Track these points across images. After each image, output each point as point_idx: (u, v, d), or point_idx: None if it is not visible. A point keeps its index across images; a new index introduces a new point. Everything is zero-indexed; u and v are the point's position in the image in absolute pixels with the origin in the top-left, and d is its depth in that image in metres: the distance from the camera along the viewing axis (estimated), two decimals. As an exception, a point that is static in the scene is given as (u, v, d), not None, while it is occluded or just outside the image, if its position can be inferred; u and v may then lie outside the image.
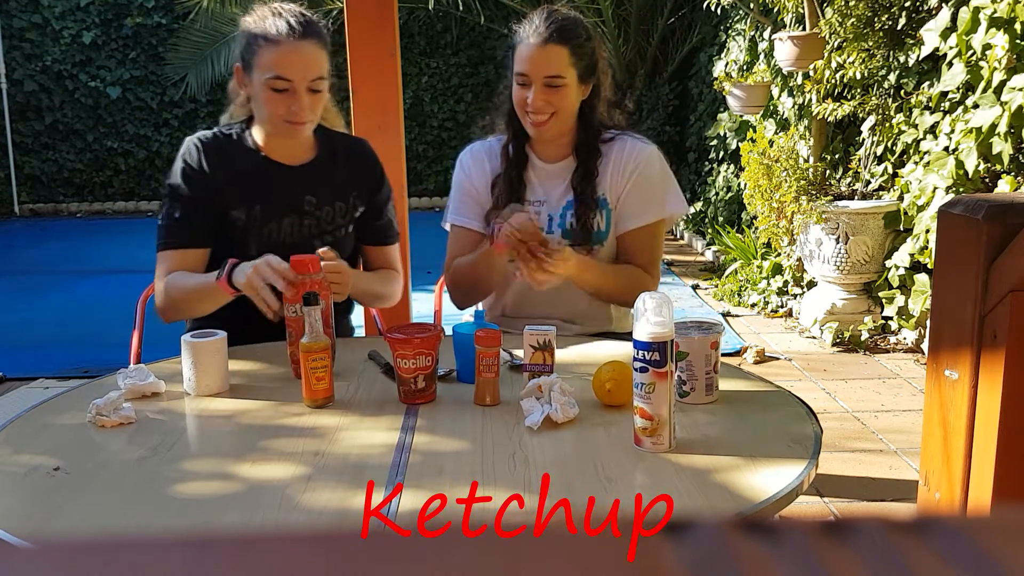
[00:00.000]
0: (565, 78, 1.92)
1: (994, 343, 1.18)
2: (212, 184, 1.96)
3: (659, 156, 2.06)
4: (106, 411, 1.46)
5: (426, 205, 9.16)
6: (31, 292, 5.94)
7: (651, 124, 7.84)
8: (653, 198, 2.02)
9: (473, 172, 2.10)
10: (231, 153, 1.98)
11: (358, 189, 2.07)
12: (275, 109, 1.88)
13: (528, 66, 1.93)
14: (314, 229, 2.02)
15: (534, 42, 1.93)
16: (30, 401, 1.78)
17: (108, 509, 1.19)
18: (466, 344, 1.59)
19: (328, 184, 2.03)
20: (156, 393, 1.61)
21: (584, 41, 1.95)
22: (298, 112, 1.87)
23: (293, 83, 1.85)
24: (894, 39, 4.13)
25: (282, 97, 1.86)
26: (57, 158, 9.19)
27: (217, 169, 1.96)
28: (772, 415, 1.49)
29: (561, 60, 1.92)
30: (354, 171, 2.08)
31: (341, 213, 2.04)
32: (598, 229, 2.01)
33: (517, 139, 2.05)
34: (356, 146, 2.12)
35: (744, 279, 5.15)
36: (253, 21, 1.90)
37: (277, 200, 1.99)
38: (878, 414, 3.29)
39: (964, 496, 1.25)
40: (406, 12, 8.51)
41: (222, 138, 2.00)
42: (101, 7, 8.94)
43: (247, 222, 1.97)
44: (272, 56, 1.85)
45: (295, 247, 1.99)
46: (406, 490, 1.22)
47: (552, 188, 2.05)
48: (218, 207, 1.96)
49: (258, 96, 1.90)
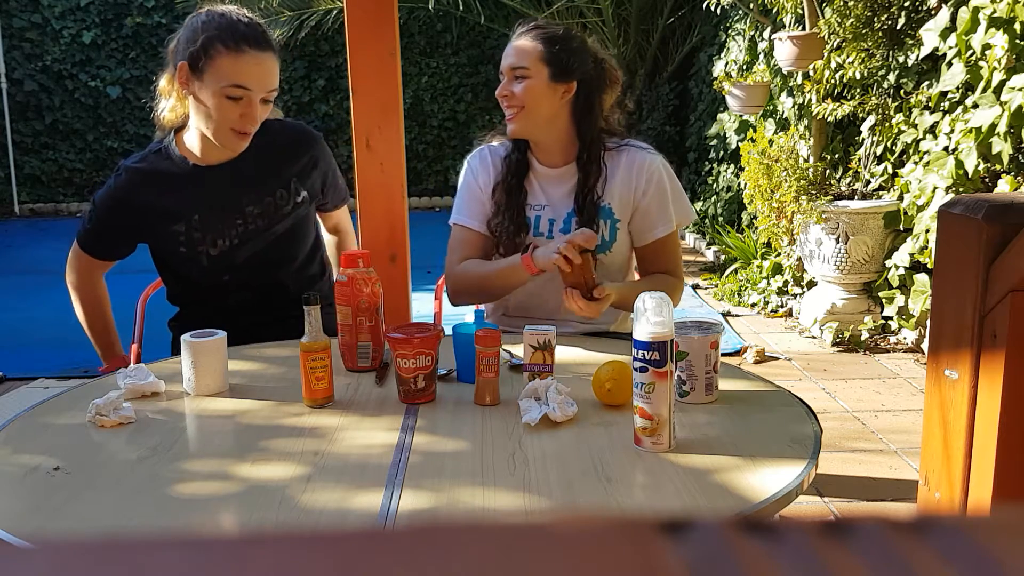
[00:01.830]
0: (530, 70, 1.96)
1: (994, 343, 1.18)
2: (137, 213, 1.99)
3: (666, 164, 2.07)
4: (106, 411, 1.46)
5: (426, 205, 9.16)
6: (31, 292, 5.94)
7: (651, 124, 7.84)
8: (668, 207, 2.04)
9: (480, 175, 2.10)
10: (162, 170, 1.98)
11: (296, 173, 2.06)
12: (226, 116, 1.87)
13: (503, 61, 2.01)
14: (261, 221, 2.01)
15: (512, 36, 2.02)
16: (30, 401, 1.78)
17: (108, 509, 1.19)
18: (466, 344, 1.59)
19: (263, 173, 2.02)
20: (156, 393, 1.61)
21: (562, 42, 1.98)
22: (250, 122, 1.88)
23: (251, 93, 1.85)
24: (893, 39, 4.13)
25: (235, 105, 1.86)
26: (57, 158, 9.19)
27: (147, 195, 1.98)
28: (772, 415, 1.49)
29: (529, 54, 1.97)
30: (288, 155, 2.07)
31: (283, 199, 2.03)
32: (602, 239, 2.02)
33: (519, 146, 2.07)
34: (289, 129, 2.10)
35: (744, 279, 5.15)
36: (209, 23, 1.87)
37: (215, 204, 1.99)
38: (878, 414, 3.29)
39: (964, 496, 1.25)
40: (406, 12, 8.51)
41: (152, 158, 2.00)
42: (101, 7, 8.94)
43: (187, 232, 1.98)
44: (232, 64, 1.84)
45: (239, 248, 2.00)
46: (406, 490, 1.22)
47: (554, 193, 2.06)
48: (141, 232, 2.02)
49: (207, 101, 1.87)
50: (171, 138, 2.00)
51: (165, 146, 2.00)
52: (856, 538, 0.26)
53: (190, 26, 1.89)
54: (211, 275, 2.02)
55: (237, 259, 2.01)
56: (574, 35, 2.03)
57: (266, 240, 2.02)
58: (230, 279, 2.03)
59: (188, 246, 1.98)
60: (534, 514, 1.16)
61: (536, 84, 1.97)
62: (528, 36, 2.00)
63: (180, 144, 1.99)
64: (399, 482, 1.24)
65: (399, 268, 2.47)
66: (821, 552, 0.26)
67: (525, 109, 1.98)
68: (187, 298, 2.11)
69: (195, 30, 1.87)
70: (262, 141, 1.98)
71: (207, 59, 1.84)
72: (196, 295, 2.09)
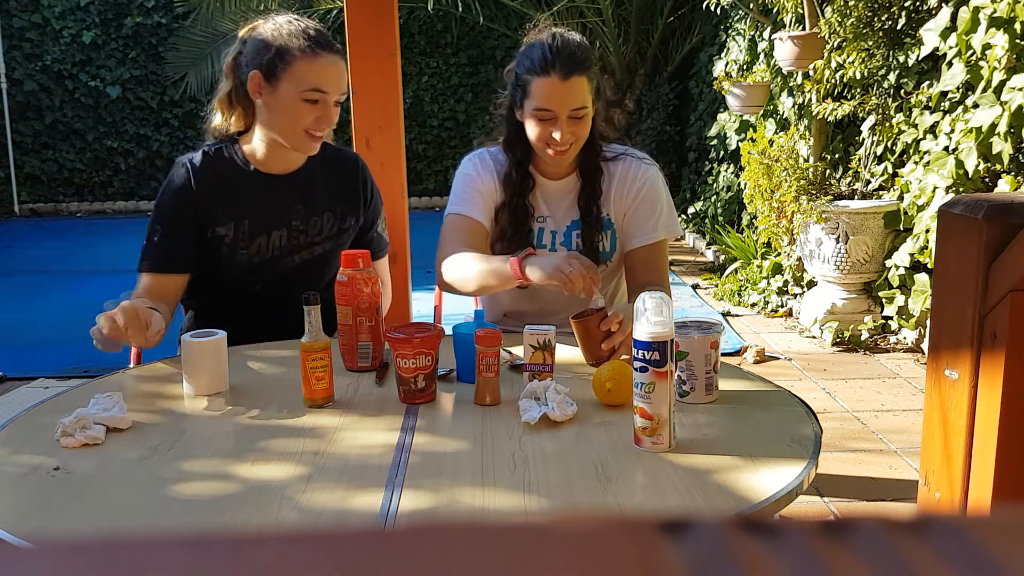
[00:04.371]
0: (587, 107, 1.91)
1: (994, 343, 1.18)
2: (199, 205, 1.96)
3: (661, 177, 2.07)
4: (71, 430, 1.39)
5: (426, 205, 9.17)
6: (31, 292, 5.95)
7: (651, 124, 7.84)
8: (659, 218, 2.03)
9: (482, 173, 2.06)
10: (221, 170, 1.98)
11: (346, 203, 2.08)
12: (302, 119, 1.89)
13: (553, 102, 1.88)
14: (301, 240, 2.03)
15: (556, 77, 1.87)
16: (30, 401, 1.78)
17: (108, 509, 1.19)
18: (466, 344, 1.59)
19: (316, 195, 2.04)
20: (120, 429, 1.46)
21: (594, 63, 1.94)
22: (326, 124, 1.91)
23: (327, 95, 1.89)
24: (894, 39, 4.13)
25: (312, 108, 1.89)
26: (57, 158, 9.19)
27: (207, 189, 1.97)
28: (772, 415, 1.49)
29: (583, 90, 1.89)
30: (342, 184, 2.09)
31: (329, 225, 2.05)
32: (603, 250, 2.02)
33: (520, 164, 2.02)
34: (347, 159, 2.13)
35: (744, 279, 5.16)
36: (280, 31, 1.89)
37: (265, 214, 2.00)
38: (878, 414, 3.29)
39: (964, 496, 1.25)
40: (406, 12, 8.51)
41: (212, 155, 2.00)
42: (101, 7, 8.94)
43: (235, 237, 1.98)
44: (310, 68, 1.87)
45: (280, 260, 2.01)
46: (406, 490, 1.22)
47: (556, 205, 2.04)
48: (203, 227, 1.98)
49: (283, 106, 1.89)
50: (233, 142, 2.01)
51: (227, 147, 2.00)
52: (856, 538, 0.26)
53: (256, 38, 1.92)
54: (242, 282, 2.02)
55: (274, 270, 2.01)
56: (585, 43, 1.96)
57: (304, 258, 2.03)
58: (261, 288, 2.03)
59: (231, 250, 1.98)
60: (534, 514, 1.16)
61: (590, 114, 1.93)
62: (577, 72, 1.87)
63: (241, 149, 2.01)
64: (399, 482, 1.24)
65: (399, 268, 2.47)
66: (821, 552, 0.26)
67: (578, 141, 1.94)
68: (202, 302, 2.11)
69: (264, 40, 1.89)
70: (321, 162, 2.02)
71: (284, 65, 1.87)
72: (215, 300, 2.08)
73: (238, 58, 1.95)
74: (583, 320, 1.69)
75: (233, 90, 1.97)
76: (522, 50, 1.97)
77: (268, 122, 1.95)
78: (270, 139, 1.97)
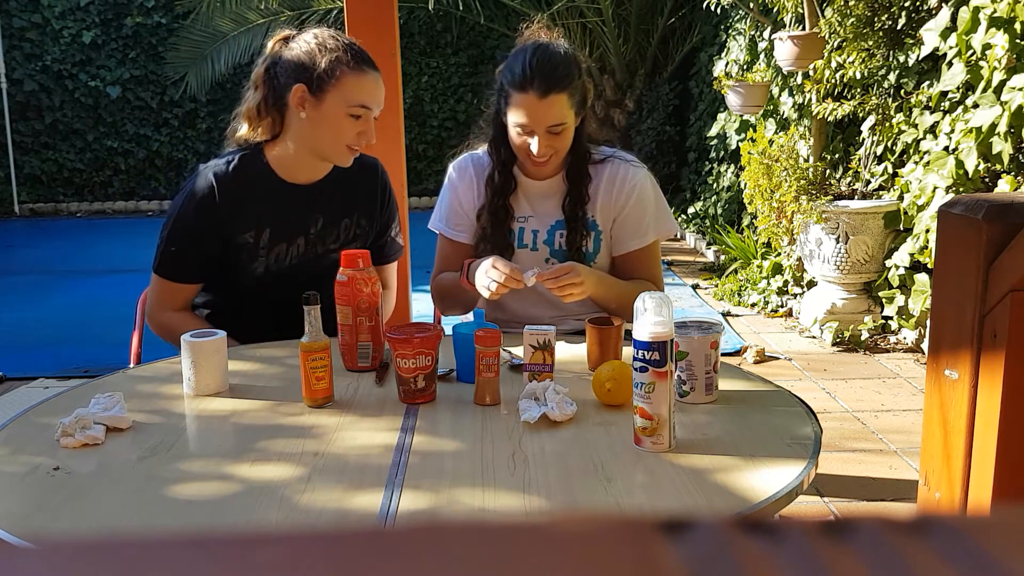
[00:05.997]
0: (566, 123, 1.93)
1: (994, 343, 1.18)
2: (222, 216, 1.96)
3: (651, 179, 2.08)
4: (71, 430, 1.39)
5: (426, 205, 9.16)
6: (31, 292, 5.94)
7: (651, 124, 7.84)
8: (649, 220, 2.04)
9: (460, 186, 2.10)
10: (245, 180, 1.98)
11: (362, 208, 2.09)
12: (346, 134, 1.91)
13: (529, 119, 1.91)
14: (318, 248, 2.04)
15: (534, 95, 1.89)
16: (30, 401, 1.78)
17: (108, 509, 1.19)
18: (466, 344, 1.59)
19: (335, 203, 2.05)
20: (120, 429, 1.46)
21: (577, 79, 1.94)
22: (367, 138, 1.94)
23: (370, 111, 1.93)
24: (894, 39, 4.13)
25: (355, 123, 1.92)
26: (57, 158, 9.19)
27: (231, 199, 1.97)
28: (772, 415, 1.49)
29: (561, 108, 1.91)
30: (360, 188, 2.10)
31: (345, 231, 2.06)
32: (587, 251, 2.03)
33: (504, 164, 2.04)
34: (367, 164, 2.13)
35: (744, 279, 5.16)
36: (325, 46, 1.90)
37: (287, 223, 2.01)
38: (878, 414, 3.29)
39: (964, 496, 1.25)
40: (406, 12, 8.51)
41: (236, 163, 1.99)
42: (101, 7, 8.93)
43: (255, 245, 1.99)
44: (357, 84, 1.90)
45: (296, 267, 2.01)
46: (406, 490, 1.22)
47: (540, 205, 2.06)
48: (222, 237, 1.98)
49: (328, 120, 1.91)
50: (258, 150, 2.01)
51: (251, 155, 2.00)
52: (856, 538, 0.26)
53: (296, 51, 1.92)
54: (257, 287, 2.02)
55: (291, 278, 2.01)
56: (576, 59, 1.97)
57: (319, 265, 2.03)
58: (274, 295, 2.03)
59: (250, 257, 1.99)
60: (534, 514, 1.16)
61: (570, 127, 1.96)
62: (555, 90, 1.89)
63: (266, 157, 2.01)
64: (399, 482, 1.24)
65: (399, 268, 2.47)
66: (821, 552, 0.26)
67: (558, 152, 1.97)
68: (214, 303, 2.11)
69: (308, 54, 1.90)
70: (343, 168, 2.02)
71: (332, 80, 1.88)
72: (227, 301, 2.08)
73: (272, 69, 1.95)
74: (604, 328, 1.69)
75: (263, 101, 1.96)
76: (510, 55, 1.98)
77: (308, 135, 1.95)
78: (303, 150, 1.97)
